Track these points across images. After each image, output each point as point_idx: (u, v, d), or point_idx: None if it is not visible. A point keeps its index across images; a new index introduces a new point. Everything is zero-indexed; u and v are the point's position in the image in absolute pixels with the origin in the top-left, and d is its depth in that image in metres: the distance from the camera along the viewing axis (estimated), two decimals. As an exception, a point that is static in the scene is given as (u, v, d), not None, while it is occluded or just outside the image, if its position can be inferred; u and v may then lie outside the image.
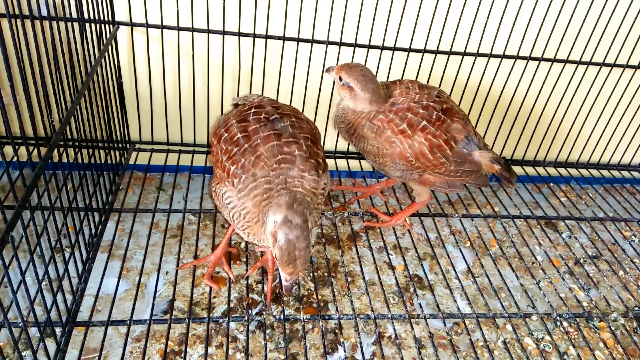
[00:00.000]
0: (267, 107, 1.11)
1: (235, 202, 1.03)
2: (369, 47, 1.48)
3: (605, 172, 1.88)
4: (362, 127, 1.29)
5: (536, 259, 1.50)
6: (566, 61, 1.59)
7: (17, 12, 0.84)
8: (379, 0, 1.41)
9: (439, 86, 1.59)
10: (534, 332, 1.25)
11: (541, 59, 1.57)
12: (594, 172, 1.88)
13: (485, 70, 1.58)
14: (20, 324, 0.88)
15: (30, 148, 0.89)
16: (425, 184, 1.34)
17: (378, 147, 1.29)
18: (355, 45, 1.47)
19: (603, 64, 1.62)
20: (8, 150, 1.45)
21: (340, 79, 1.29)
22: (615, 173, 1.89)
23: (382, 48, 1.49)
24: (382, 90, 1.29)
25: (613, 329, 1.28)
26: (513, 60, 1.57)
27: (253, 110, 1.11)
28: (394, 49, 1.50)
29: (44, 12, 0.95)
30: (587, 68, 1.62)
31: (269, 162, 1.00)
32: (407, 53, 1.52)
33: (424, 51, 1.52)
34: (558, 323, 1.27)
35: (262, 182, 0.99)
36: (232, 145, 1.05)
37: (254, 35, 1.42)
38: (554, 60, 1.58)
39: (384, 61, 1.53)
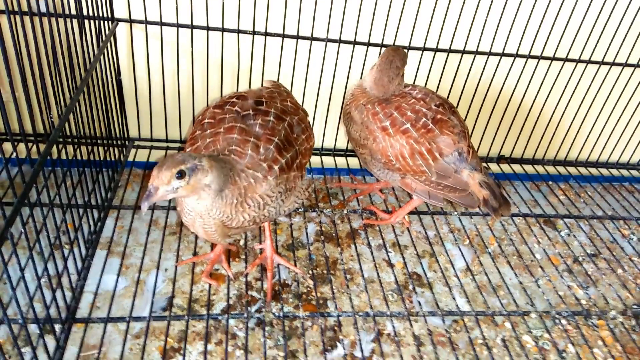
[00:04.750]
0: (249, 100, 1.10)
1: None
2: (369, 44, 1.48)
3: (604, 171, 1.88)
4: (355, 107, 1.33)
5: (535, 257, 1.50)
6: (566, 59, 1.59)
7: (16, 8, 0.84)
8: (379, -3, 1.41)
9: (438, 83, 1.59)
10: (533, 330, 1.25)
11: (541, 57, 1.57)
12: (593, 171, 1.88)
13: (484, 67, 1.58)
14: (20, 321, 0.88)
15: (29, 144, 0.89)
16: (407, 187, 1.34)
17: (360, 134, 1.32)
18: (355, 42, 1.47)
19: (602, 62, 1.62)
20: (7, 146, 1.47)
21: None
22: (614, 171, 1.89)
23: (382, 45, 1.49)
24: (396, 86, 1.32)
25: (612, 326, 1.28)
26: (513, 58, 1.57)
27: (233, 99, 1.10)
28: (393, 46, 1.50)
29: (43, 9, 0.95)
30: (586, 66, 1.62)
31: (219, 149, 0.99)
32: (406, 51, 1.52)
33: (424, 49, 1.52)
34: (557, 321, 1.28)
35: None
36: (197, 129, 1.06)
37: (253, 33, 1.42)
38: (553, 59, 1.58)
39: (384, 59, 1.53)
